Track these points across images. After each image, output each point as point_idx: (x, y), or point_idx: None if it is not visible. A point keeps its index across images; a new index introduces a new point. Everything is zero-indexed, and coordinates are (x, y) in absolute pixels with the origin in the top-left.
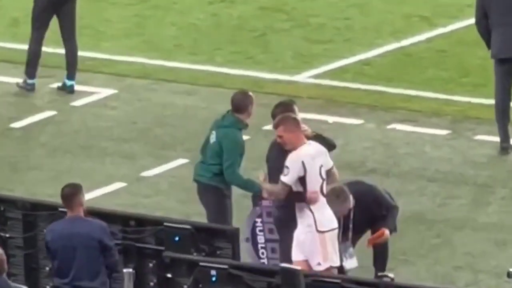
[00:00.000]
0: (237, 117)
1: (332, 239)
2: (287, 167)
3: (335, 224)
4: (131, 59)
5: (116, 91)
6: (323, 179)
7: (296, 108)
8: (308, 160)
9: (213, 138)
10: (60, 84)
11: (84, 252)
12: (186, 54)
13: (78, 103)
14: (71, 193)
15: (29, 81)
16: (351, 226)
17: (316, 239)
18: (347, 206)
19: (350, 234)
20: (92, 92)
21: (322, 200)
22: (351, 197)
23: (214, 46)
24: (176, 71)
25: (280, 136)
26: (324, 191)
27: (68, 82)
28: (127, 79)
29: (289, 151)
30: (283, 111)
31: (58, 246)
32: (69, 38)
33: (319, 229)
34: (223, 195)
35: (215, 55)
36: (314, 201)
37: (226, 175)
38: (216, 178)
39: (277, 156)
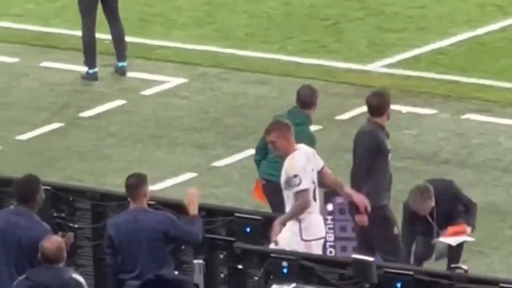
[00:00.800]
0: (306, 114)
1: (318, 248)
2: (296, 176)
3: (322, 233)
4: (203, 48)
5: (187, 80)
6: (314, 184)
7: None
8: (302, 171)
9: None
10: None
11: (150, 245)
12: (258, 42)
13: (148, 92)
14: (136, 183)
15: (90, 71)
16: (434, 224)
17: (300, 248)
18: (430, 204)
19: (435, 232)
20: (163, 81)
21: (314, 207)
22: (433, 196)
23: (286, 35)
24: (248, 60)
25: (272, 142)
26: (316, 196)
27: (119, 64)
28: (198, 68)
29: (282, 157)
30: (380, 100)
31: (123, 240)
32: (114, 21)
33: (304, 238)
34: None
35: (287, 44)
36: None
37: None
38: None
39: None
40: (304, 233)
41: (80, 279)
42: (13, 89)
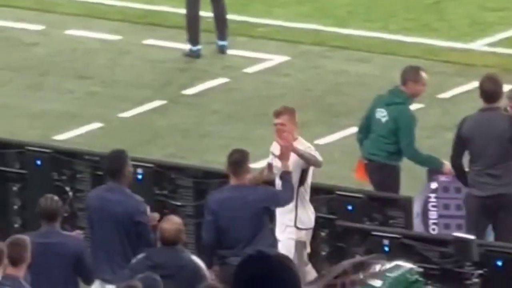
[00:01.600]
0: (407, 93)
1: (309, 237)
2: (310, 147)
3: (312, 223)
4: (305, 26)
5: (289, 58)
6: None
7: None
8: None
9: (384, 116)
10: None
11: (253, 221)
12: (360, 21)
13: (250, 70)
14: (240, 159)
15: (193, 48)
16: None
17: (292, 235)
18: None
19: None
20: (265, 59)
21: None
22: None
23: (388, 13)
24: (350, 38)
25: (282, 124)
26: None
27: (219, 43)
28: (300, 46)
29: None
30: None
31: (227, 216)
32: None
33: (298, 226)
34: (397, 174)
35: (389, 22)
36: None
37: (406, 153)
38: (392, 156)
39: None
40: (299, 222)
41: (199, 261)
42: (116, 67)
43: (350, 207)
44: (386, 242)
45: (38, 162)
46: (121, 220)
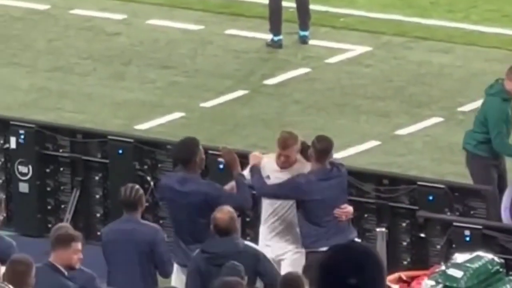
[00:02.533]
0: (505, 87)
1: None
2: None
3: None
4: (387, 16)
5: (371, 48)
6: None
7: None
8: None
9: (481, 106)
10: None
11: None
12: (442, 11)
13: (332, 60)
14: (330, 147)
15: (275, 38)
16: None
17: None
18: None
19: None
20: (347, 49)
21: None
22: None
23: (470, 4)
24: (432, 28)
25: (287, 156)
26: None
27: (301, 33)
28: (382, 36)
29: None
30: None
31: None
32: None
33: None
34: (488, 165)
35: (471, 13)
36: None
37: (494, 145)
38: (480, 146)
39: None
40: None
41: (255, 246)
42: (198, 57)
43: (431, 198)
44: (467, 232)
45: (120, 152)
46: (194, 207)
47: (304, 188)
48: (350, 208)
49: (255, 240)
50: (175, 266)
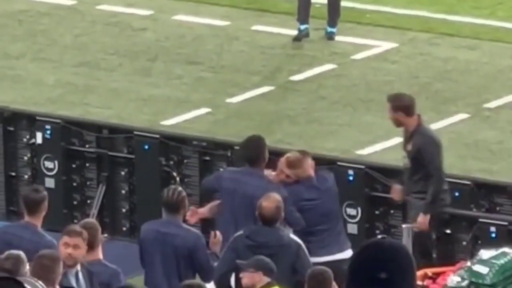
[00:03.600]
0: None
1: None
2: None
3: None
4: (413, 13)
5: (397, 44)
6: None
7: None
8: None
9: None
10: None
11: None
12: (468, 7)
13: (358, 56)
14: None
15: (301, 27)
16: None
17: None
18: None
19: None
20: (373, 46)
21: None
22: None
23: (497, 0)
24: (458, 25)
25: (288, 177)
26: None
27: (329, 29)
28: (408, 32)
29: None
30: None
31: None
32: None
33: None
34: None
35: (498, 9)
36: None
37: None
38: None
39: None
40: None
41: (299, 240)
42: (224, 52)
43: (457, 194)
44: (493, 229)
45: (146, 147)
46: (250, 201)
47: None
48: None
49: None
50: None
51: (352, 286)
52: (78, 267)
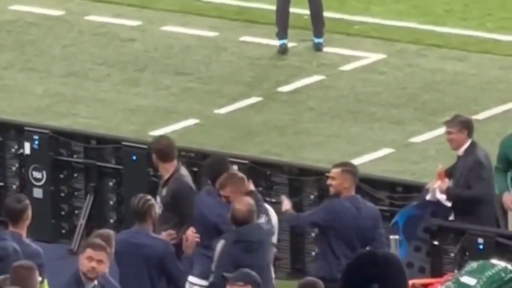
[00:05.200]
0: None
1: None
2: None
3: None
4: (401, 24)
5: (385, 56)
6: None
7: None
8: None
9: None
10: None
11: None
12: (456, 19)
13: (346, 67)
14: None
15: (279, 42)
16: None
17: None
18: None
19: None
20: (361, 57)
21: None
22: None
23: (485, 12)
24: (447, 36)
25: (226, 197)
26: None
27: (316, 40)
28: (397, 44)
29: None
30: None
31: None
32: None
33: None
34: None
35: (486, 20)
36: None
37: None
38: None
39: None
40: None
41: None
42: (212, 63)
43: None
44: (480, 240)
45: (134, 158)
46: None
47: None
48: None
49: None
50: None
51: None
52: (96, 281)
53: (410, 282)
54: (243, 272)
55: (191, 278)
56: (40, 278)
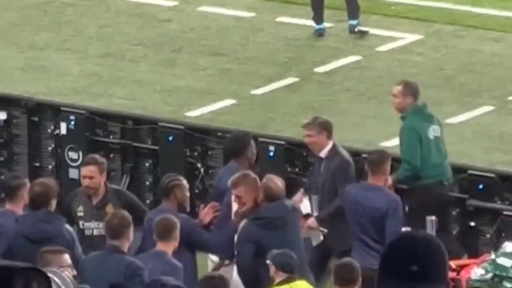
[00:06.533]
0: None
1: None
2: None
3: None
4: (438, 5)
5: (422, 37)
6: None
7: None
8: None
9: None
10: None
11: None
12: (494, 0)
13: (383, 48)
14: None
15: (316, 27)
16: None
17: None
18: None
19: None
20: (398, 38)
21: None
22: None
23: None
24: (484, 17)
25: (239, 197)
26: None
27: (349, 22)
28: (433, 25)
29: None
30: None
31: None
32: None
33: None
34: None
35: None
36: None
37: None
38: None
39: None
40: None
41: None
42: (249, 44)
43: (481, 187)
44: None
45: (170, 138)
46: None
47: None
48: None
49: None
50: None
51: (384, 278)
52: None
53: None
54: (278, 253)
55: (214, 257)
56: None
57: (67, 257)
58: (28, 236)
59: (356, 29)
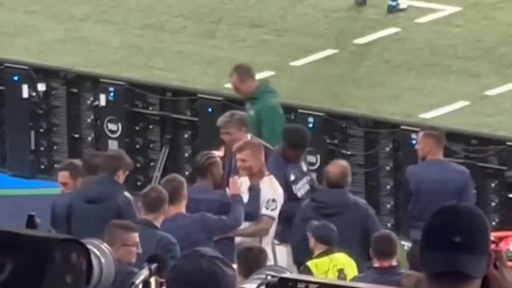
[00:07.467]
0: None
1: None
2: (274, 201)
3: None
4: None
5: (461, 8)
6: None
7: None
8: (280, 200)
9: None
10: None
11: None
12: None
13: (422, 20)
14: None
15: None
16: None
17: None
18: None
19: None
20: (437, 9)
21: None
22: None
23: None
24: None
25: (243, 160)
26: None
27: (389, 2)
28: None
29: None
30: None
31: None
32: None
33: None
34: None
35: None
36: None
37: None
38: None
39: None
40: None
41: (365, 202)
42: (288, 15)
43: None
44: None
45: (210, 110)
46: None
47: None
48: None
49: None
50: None
51: (427, 250)
52: None
53: None
54: (317, 225)
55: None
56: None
57: (135, 236)
58: (83, 195)
59: (395, 10)
